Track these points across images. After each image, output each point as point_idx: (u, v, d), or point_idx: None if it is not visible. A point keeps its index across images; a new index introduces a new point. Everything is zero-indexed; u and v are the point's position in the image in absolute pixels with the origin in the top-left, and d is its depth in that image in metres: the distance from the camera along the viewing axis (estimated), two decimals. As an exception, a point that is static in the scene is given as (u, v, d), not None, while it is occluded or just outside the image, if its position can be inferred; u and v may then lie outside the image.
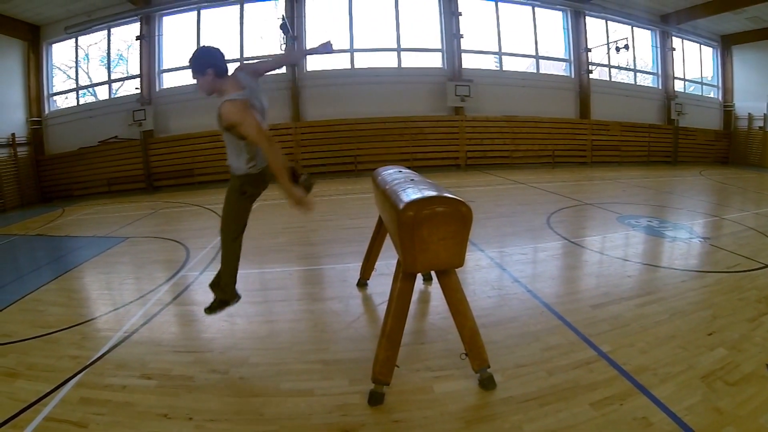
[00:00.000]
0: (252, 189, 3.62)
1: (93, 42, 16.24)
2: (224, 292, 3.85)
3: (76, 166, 15.53)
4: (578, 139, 18.01)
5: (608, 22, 18.47)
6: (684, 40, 19.83)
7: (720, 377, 3.11)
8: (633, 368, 3.23)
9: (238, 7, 15.84)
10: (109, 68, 16.39)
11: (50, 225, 10.37)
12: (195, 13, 15.87)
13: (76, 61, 16.35)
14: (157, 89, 15.97)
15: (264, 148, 3.16)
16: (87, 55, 16.48)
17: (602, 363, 3.34)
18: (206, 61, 3.21)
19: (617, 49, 17.43)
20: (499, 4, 17.19)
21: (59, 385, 3.29)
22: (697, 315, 4.14)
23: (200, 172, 15.48)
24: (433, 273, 3.55)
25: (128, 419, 2.90)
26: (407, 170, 4.14)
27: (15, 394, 3.20)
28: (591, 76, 17.86)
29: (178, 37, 16.11)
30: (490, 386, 3.07)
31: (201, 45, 3.40)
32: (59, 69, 16.48)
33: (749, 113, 19.72)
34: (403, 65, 16.66)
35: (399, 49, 16.59)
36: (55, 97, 16.46)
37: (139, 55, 15.62)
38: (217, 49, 3.28)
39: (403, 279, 2.98)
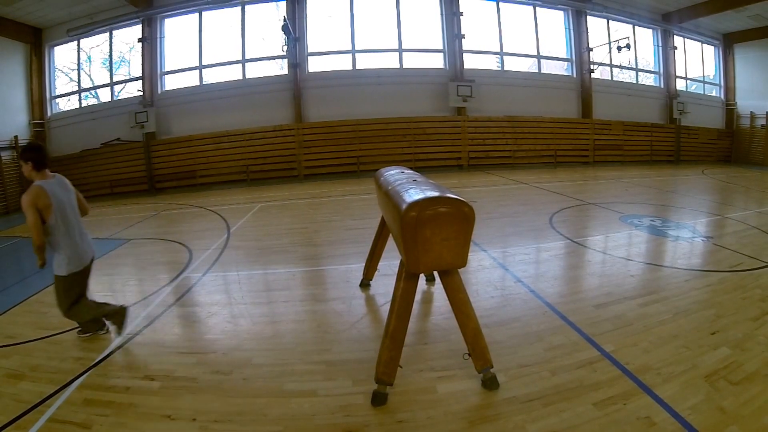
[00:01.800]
0: (79, 287, 3.95)
1: (95, 44, 16.30)
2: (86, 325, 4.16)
3: (78, 168, 15.57)
4: (580, 138, 18.00)
5: (610, 21, 18.48)
6: (686, 39, 19.83)
7: (723, 376, 3.10)
8: (636, 368, 3.23)
9: (239, 8, 15.87)
10: (111, 70, 16.44)
11: (53, 227, 10.37)
12: (197, 15, 15.92)
13: (78, 64, 16.41)
14: (159, 91, 16.02)
15: (33, 237, 3.60)
16: (89, 57, 16.53)
17: (605, 363, 3.33)
18: (30, 154, 3.71)
19: (619, 48, 17.42)
20: (501, 4, 17.21)
21: (63, 386, 3.30)
22: (701, 314, 4.13)
23: (202, 173, 15.52)
24: (436, 273, 3.55)
25: (132, 420, 2.91)
26: (410, 171, 4.14)
27: (19, 395, 3.21)
28: (593, 75, 17.87)
29: (180, 39, 16.15)
30: (493, 386, 3.07)
31: (34, 142, 3.89)
32: (61, 71, 16.55)
33: (751, 112, 19.70)
34: (405, 66, 16.69)
35: (401, 50, 16.61)
36: (57, 100, 16.53)
37: (141, 57, 15.65)
38: (42, 148, 3.86)
39: (406, 279, 2.98)
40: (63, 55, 16.38)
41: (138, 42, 15.55)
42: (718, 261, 5.78)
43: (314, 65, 16.31)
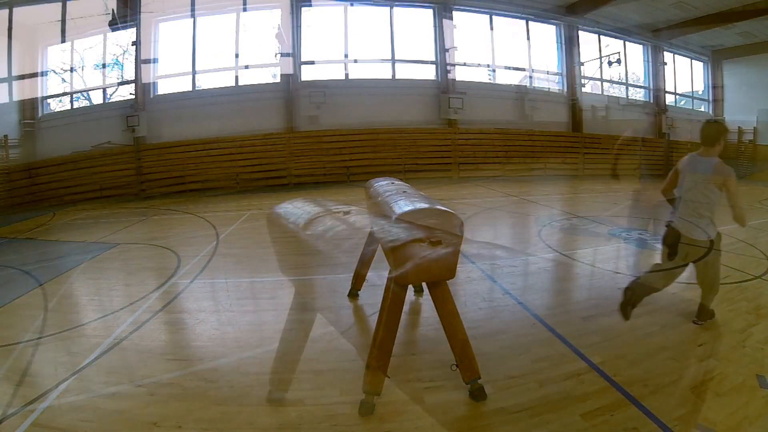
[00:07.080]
0: None
1: (89, 46, 16.20)
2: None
3: (67, 170, 15.42)
4: (570, 152, 18.11)
5: (601, 36, 18.67)
6: (675, 55, 20.08)
7: (710, 388, 3.13)
8: (623, 379, 3.24)
9: (234, 15, 15.87)
10: (103, 73, 16.35)
11: (40, 229, 10.28)
12: (191, 20, 15.89)
13: (72, 65, 16.29)
14: (152, 95, 15.93)
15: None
16: (82, 58, 16.43)
17: (593, 374, 3.34)
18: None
19: (609, 63, 17.66)
20: (494, 17, 17.33)
21: (47, 390, 3.25)
22: (688, 326, 4.17)
23: (191, 179, 15.42)
24: (424, 284, 3.56)
25: (117, 427, 2.87)
26: (399, 182, 4.15)
27: (2, 398, 3.16)
28: (583, 89, 18.01)
29: (174, 43, 16.11)
30: (481, 397, 3.07)
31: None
32: (54, 72, 16.41)
33: (739, 126, 19.92)
34: (397, 77, 16.73)
35: (393, 61, 16.65)
36: (48, 100, 16.37)
37: (134, 61, 15.58)
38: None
39: (395, 290, 2.98)
40: (56, 55, 16.27)
41: (132, 45, 15.49)
42: (705, 274, 5.83)
43: (307, 74, 16.32)
